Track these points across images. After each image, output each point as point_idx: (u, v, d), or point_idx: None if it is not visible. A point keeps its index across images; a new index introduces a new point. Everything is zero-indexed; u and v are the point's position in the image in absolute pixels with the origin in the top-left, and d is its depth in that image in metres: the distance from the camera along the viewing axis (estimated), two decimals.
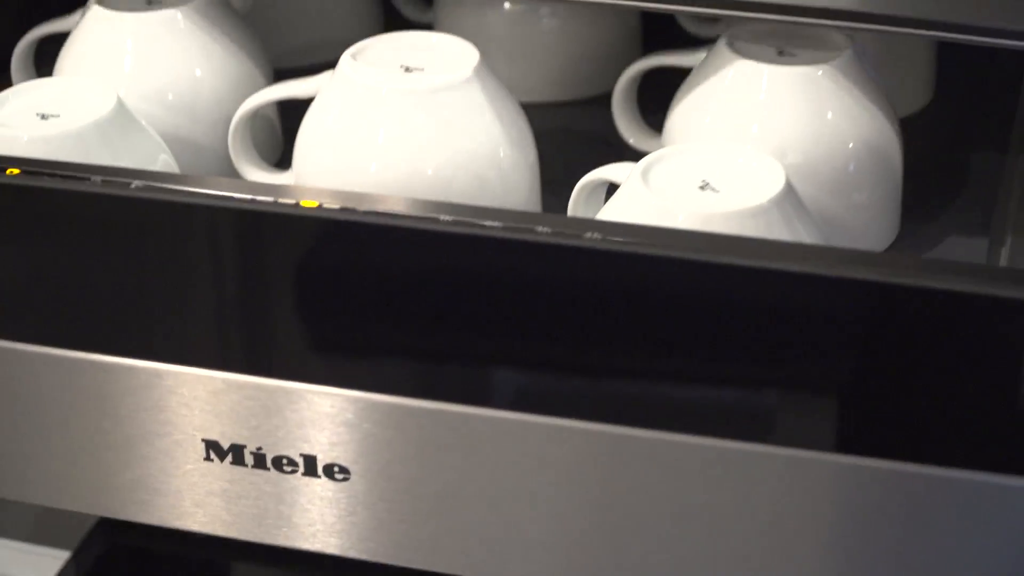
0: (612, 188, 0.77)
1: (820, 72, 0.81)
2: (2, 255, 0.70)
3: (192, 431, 0.69)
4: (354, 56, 0.82)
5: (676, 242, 0.61)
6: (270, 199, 0.65)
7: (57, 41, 0.94)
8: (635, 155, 0.88)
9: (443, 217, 0.63)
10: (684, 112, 0.85)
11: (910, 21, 0.78)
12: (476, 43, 0.91)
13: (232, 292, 0.68)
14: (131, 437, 0.71)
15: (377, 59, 0.83)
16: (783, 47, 0.83)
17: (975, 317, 0.59)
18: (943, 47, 1.00)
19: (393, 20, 1.08)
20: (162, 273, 0.68)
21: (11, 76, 0.97)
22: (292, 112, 0.87)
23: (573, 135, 0.96)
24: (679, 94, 0.86)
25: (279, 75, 0.97)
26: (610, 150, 0.91)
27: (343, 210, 0.64)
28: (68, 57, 0.90)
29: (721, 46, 0.83)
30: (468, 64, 0.81)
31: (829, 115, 0.80)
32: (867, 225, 0.83)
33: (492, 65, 0.89)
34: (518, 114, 0.83)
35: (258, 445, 0.68)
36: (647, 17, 1.03)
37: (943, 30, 0.78)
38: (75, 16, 0.93)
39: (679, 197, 0.71)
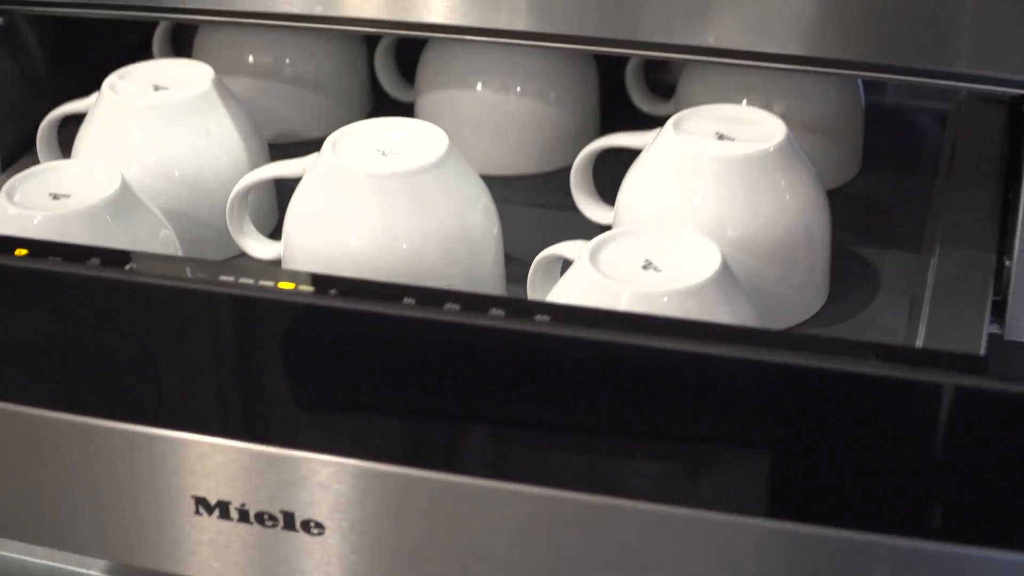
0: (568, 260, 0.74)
1: (756, 156, 0.77)
2: (14, 328, 0.67)
3: (183, 489, 0.66)
4: (336, 141, 0.79)
5: (612, 324, 0.58)
6: (251, 281, 0.62)
7: (79, 120, 0.91)
8: (590, 224, 0.85)
9: (406, 300, 0.60)
10: (634, 188, 0.82)
11: (844, 63, 0.80)
12: (450, 120, 0.91)
13: (217, 365, 0.64)
14: (130, 493, 0.68)
15: (357, 144, 0.80)
16: (723, 132, 0.80)
17: (888, 397, 0.55)
18: (870, 123, 0.98)
19: (380, 98, 1.05)
20: (154, 347, 0.64)
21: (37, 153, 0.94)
22: (288, 182, 0.83)
23: (537, 206, 0.93)
24: (630, 171, 0.83)
25: (276, 149, 0.94)
26: (569, 220, 0.88)
27: (315, 294, 0.61)
28: (84, 138, 0.87)
29: (668, 129, 0.80)
30: (438, 149, 0.78)
31: (763, 194, 0.77)
32: (798, 292, 0.81)
33: (465, 140, 0.88)
34: (483, 192, 0.81)
35: (242, 502, 0.65)
36: (605, 98, 1.00)
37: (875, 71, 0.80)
38: (91, 98, 0.90)
39: (624, 277, 0.68)
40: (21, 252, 0.65)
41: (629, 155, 0.84)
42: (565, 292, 0.69)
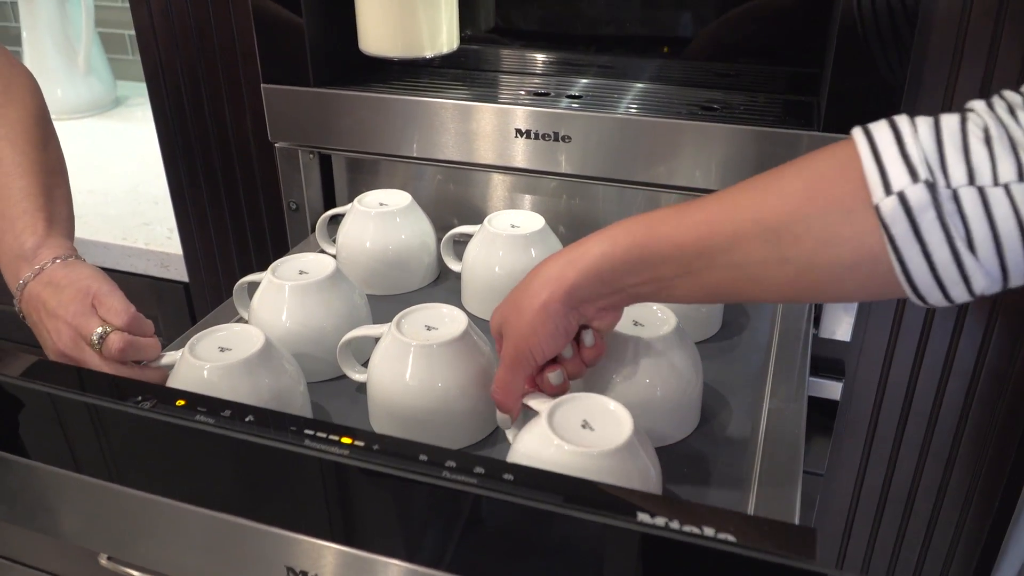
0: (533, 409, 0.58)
1: (658, 337, 0.63)
2: (181, 445, 0.52)
3: (281, 563, 0.51)
4: (400, 319, 0.65)
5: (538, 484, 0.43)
6: (323, 435, 0.48)
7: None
8: None
9: (421, 456, 0.46)
10: None
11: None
12: (474, 283, 0.79)
13: (302, 494, 0.50)
14: (249, 561, 0.53)
15: (413, 322, 0.65)
16: (638, 321, 0.65)
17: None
18: None
19: (443, 267, 0.89)
20: (251, 476, 0.50)
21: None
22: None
23: None
24: None
25: (376, 299, 0.80)
26: None
27: (362, 449, 0.47)
28: (258, 302, 0.73)
29: None
30: (460, 326, 0.64)
31: (663, 359, 0.63)
32: (684, 417, 0.65)
33: (483, 295, 0.77)
34: (485, 346, 0.65)
35: (315, 571, 0.50)
36: None
37: None
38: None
39: (567, 435, 0.53)
40: (180, 403, 0.52)
41: None
42: (529, 439, 0.54)
